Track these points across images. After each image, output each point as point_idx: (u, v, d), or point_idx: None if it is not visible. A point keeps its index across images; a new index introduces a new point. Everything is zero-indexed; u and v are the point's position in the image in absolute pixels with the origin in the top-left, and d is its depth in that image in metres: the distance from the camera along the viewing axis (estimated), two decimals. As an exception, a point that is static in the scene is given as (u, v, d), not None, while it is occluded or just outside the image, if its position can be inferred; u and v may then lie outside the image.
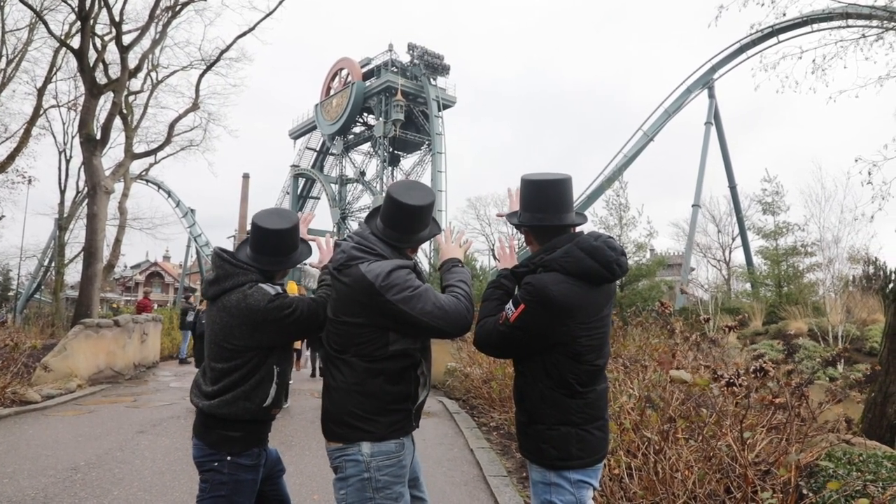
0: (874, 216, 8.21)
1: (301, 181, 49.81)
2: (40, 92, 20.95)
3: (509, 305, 2.00)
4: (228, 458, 2.22)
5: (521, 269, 2.10)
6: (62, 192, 25.66)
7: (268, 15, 17.58)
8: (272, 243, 2.30)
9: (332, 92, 46.78)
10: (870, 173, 7.73)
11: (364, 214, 49.46)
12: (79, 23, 15.92)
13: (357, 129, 47.65)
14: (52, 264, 30.43)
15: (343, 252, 2.10)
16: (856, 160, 7.88)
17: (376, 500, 2.00)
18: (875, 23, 8.64)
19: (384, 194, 2.16)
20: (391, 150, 44.20)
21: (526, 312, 1.91)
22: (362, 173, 47.31)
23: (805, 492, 3.05)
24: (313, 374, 12.78)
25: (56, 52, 20.75)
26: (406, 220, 2.11)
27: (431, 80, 41.64)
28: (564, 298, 1.89)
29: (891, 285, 5.92)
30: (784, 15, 8.41)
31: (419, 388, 2.12)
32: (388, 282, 1.96)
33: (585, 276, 1.93)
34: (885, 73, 8.01)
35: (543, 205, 2.04)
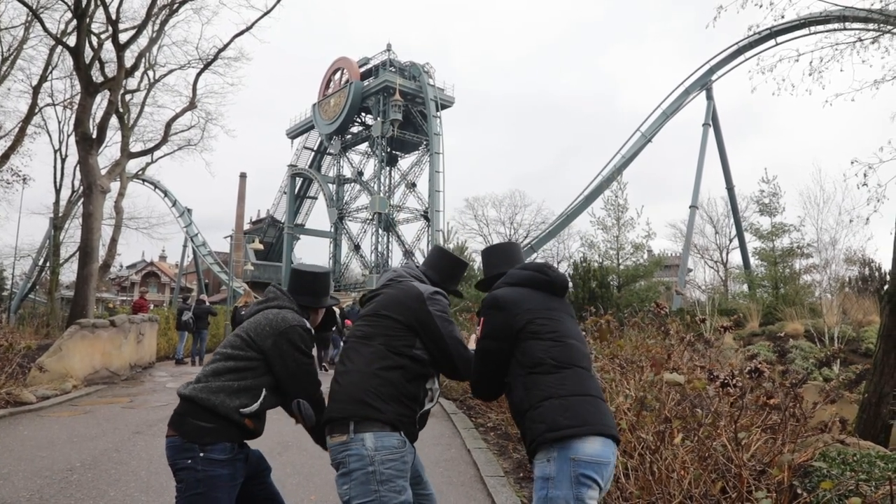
0: (869, 218, 8.25)
1: (298, 181, 49.74)
2: (36, 90, 20.87)
3: (477, 328, 2.34)
4: (201, 453, 2.19)
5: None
6: (57, 192, 25.52)
7: (265, 13, 17.60)
8: (308, 283, 2.64)
9: (329, 91, 46.73)
10: (865, 175, 7.76)
11: (361, 215, 49.21)
12: (75, 21, 15.89)
13: (355, 129, 47.63)
14: (47, 264, 30.26)
15: (394, 271, 2.55)
16: (852, 162, 7.91)
17: (381, 493, 2.04)
18: (872, 26, 8.69)
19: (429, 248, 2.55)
20: (389, 150, 44.20)
21: (486, 321, 2.24)
22: (360, 173, 47.30)
23: (799, 491, 3.07)
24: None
25: (52, 49, 20.69)
26: (446, 267, 2.60)
27: (430, 80, 41.58)
28: (509, 296, 2.24)
29: (886, 287, 5.95)
30: (782, 17, 8.45)
31: (426, 399, 2.30)
32: (433, 298, 2.35)
33: (525, 282, 2.30)
34: (881, 77, 8.05)
35: (496, 261, 2.54)
